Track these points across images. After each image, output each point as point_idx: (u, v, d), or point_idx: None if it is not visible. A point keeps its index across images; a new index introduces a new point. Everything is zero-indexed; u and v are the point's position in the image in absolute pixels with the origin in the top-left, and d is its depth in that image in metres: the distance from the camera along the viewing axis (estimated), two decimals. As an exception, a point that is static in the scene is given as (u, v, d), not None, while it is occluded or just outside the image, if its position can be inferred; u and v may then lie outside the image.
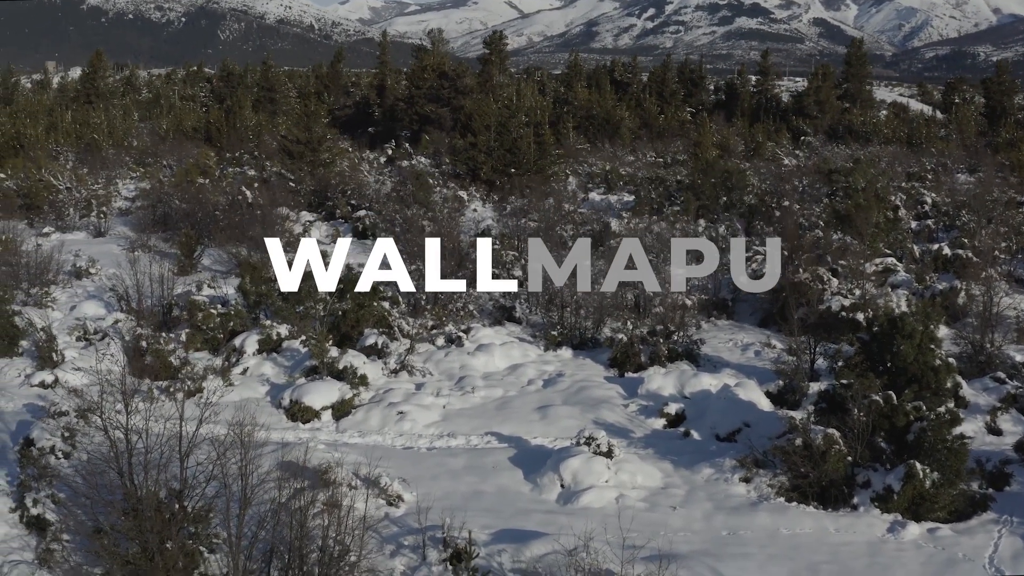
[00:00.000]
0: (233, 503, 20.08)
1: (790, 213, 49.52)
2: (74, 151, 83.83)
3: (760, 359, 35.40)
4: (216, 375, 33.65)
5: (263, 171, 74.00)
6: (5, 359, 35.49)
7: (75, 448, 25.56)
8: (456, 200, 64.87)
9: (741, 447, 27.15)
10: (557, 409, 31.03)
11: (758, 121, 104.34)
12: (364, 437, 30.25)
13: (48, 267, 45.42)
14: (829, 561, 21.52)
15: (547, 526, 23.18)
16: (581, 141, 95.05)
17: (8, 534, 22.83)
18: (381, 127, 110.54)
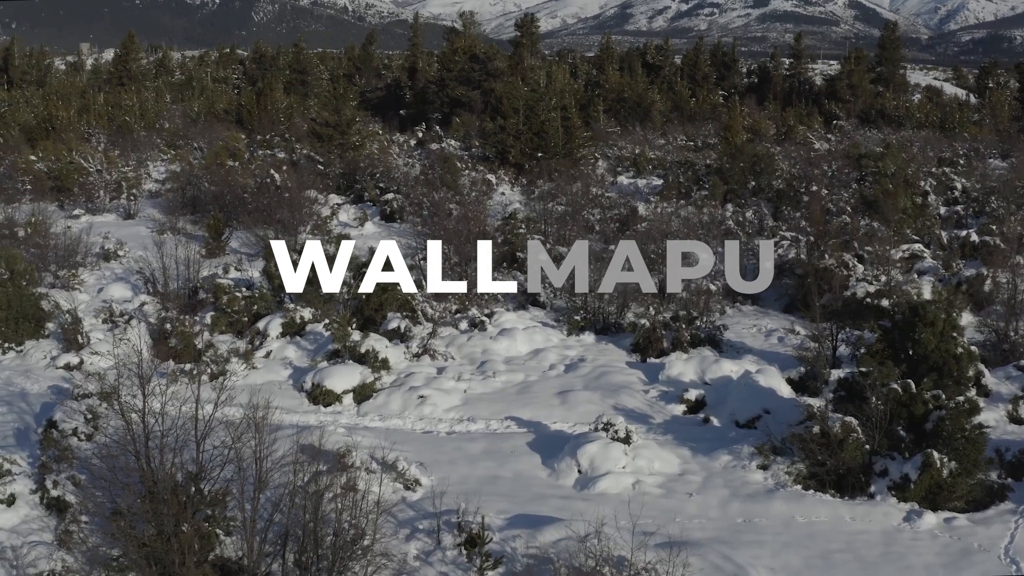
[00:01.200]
0: (248, 486, 20.22)
1: (818, 198, 49.23)
2: (106, 133, 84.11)
3: (783, 345, 35.27)
4: (239, 358, 33.81)
5: (293, 154, 74.16)
6: (32, 341, 35.80)
7: (97, 430, 25.77)
8: (484, 183, 64.85)
9: (760, 434, 27.05)
10: (577, 394, 31.03)
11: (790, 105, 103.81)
12: (384, 421, 30.35)
13: (76, 249, 45.71)
14: (843, 550, 21.47)
15: (562, 512, 23.19)
16: (611, 124, 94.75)
17: (28, 515, 23.13)
18: (412, 110, 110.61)
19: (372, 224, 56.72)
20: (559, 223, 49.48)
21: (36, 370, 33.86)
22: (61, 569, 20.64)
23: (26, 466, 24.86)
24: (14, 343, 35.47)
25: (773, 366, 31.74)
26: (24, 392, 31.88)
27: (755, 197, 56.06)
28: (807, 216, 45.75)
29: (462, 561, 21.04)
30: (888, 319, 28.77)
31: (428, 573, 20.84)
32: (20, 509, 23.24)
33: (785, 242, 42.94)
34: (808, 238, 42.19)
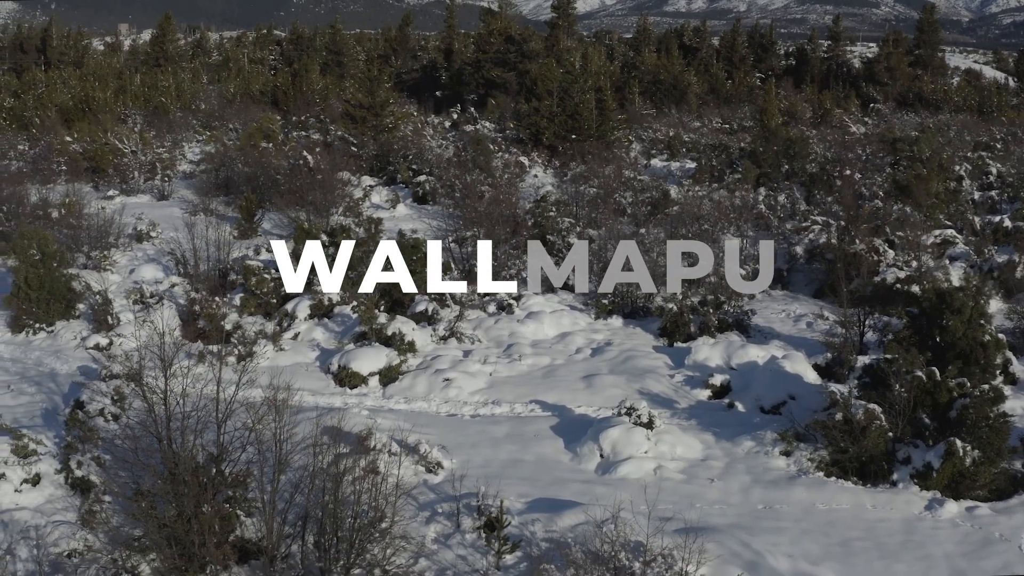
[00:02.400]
0: (268, 468, 20.35)
1: (850, 182, 48.90)
2: (142, 114, 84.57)
3: (811, 331, 35.08)
4: (267, 340, 33.96)
5: (327, 135, 74.31)
6: (62, 322, 36.10)
7: (124, 411, 25.95)
8: (517, 165, 64.77)
9: (785, 420, 26.96)
10: (603, 378, 31.00)
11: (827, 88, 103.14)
12: (410, 403, 30.44)
13: (109, 230, 45.98)
14: (863, 538, 21.38)
15: (583, 496, 23.22)
16: (647, 106, 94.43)
17: (53, 495, 23.33)
18: (448, 91, 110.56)
19: (404, 206, 56.78)
20: (591, 206, 49.37)
21: (66, 350, 34.16)
22: (83, 548, 20.78)
23: (52, 446, 25.06)
24: (45, 324, 35.79)
25: (800, 352, 31.58)
26: (54, 372, 32.19)
27: (788, 181, 55.73)
28: (839, 200, 45.43)
29: (480, 545, 21.08)
30: (916, 306, 28.57)
31: (447, 556, 20.89)
32: (45, 489, 23.45)
33: (816, 227, 42.67)
34: (839, 223, 41.91)
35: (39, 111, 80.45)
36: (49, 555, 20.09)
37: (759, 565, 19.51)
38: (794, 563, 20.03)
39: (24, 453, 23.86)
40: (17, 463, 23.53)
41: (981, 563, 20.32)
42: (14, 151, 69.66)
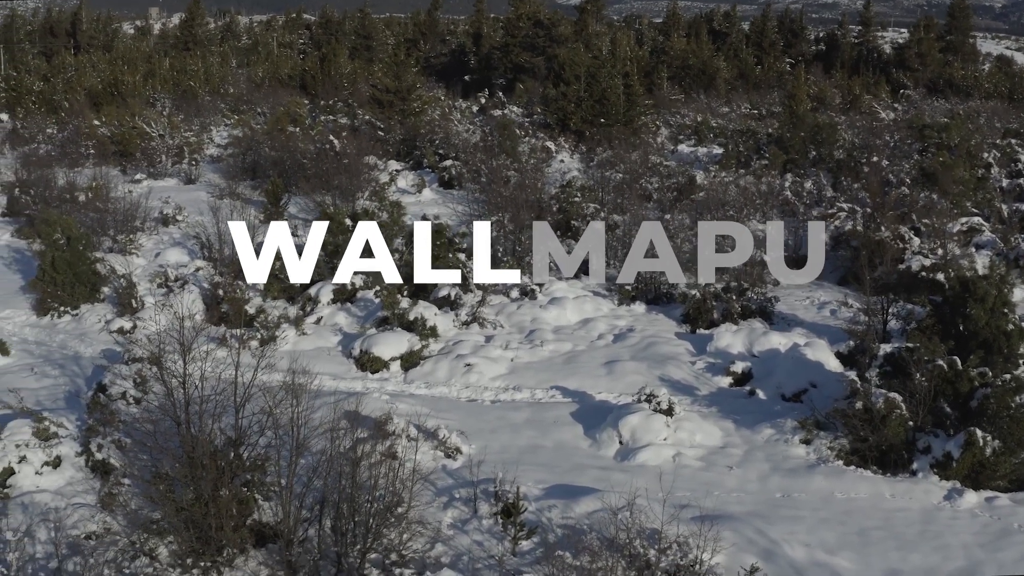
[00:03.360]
0: (286, 452, 20.42)
1: (877, 169, 48.58)
2: (171, 98, 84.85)
3: (835, 318, 34.91)
4: (290, 324, 34.04)
5: (354, 119, 74.37)
6: (87, 305, 36.30)
7: (146, 394, 26.04)
8: (544, 151, 64.66)
9: (806, 408, 26.85)
10: (624, 364, 30.92)
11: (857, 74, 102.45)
12: (430, 388, 30.47)
13: (136, 214, 46.18)
14: (880, 527, 21.27)
15: (601, 483, 23.19)
16: (676, 92, 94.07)
17: (74, 477, 23.48)
18: (476, 75, 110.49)
19: (430, 191, 56.81)
20: (616, 191, 49.22)
21: (90, 334, 34.35)
22: (102, 531, 20.93)
23: (73, 429, 25.23)
24: (70, 307, 36.00)
25: (822, 339, 31.44)
26: (77, 355, 32.39)
27: (815, 167, 55.42)
28: (866, 187, 45.16)
29: (497, 530, 21.10)
30: (940, 294, 28.41)
31: (463, 541, 20.91)
32: (66, 471, 23.60)
33: (842, 213, 42.44)
34: (865, 210, 41.67)
35: (68, 95, 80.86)
36: (67, 537, 20.22)
37: (774, 554, 19.49)
38: (810, 552, 19.98)
39: (45, 436, 24.02)
40: (38, 446, 23.69)
41: (999, 554, 20.18)
42: (43, 134, 70.05)
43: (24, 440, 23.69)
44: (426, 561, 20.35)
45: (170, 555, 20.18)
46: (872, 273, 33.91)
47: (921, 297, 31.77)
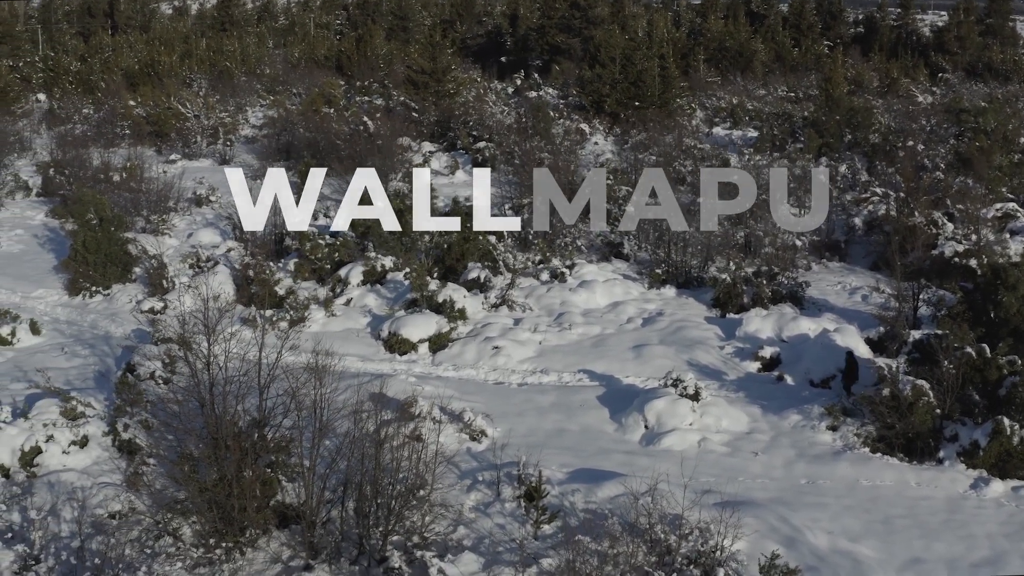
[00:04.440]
0: (310, 433, 20.50)
1: (912, 153, 48.16)
2: (207, 78, 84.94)
3: (866, 304, 34.54)
4: (319, 305, 34.12)
5: (389, 100, 74.31)
6: (119, 285, 36.52)
7: (175, 374, 26.19)
8: (578, 133, 64.42)
9: (833, 394, 26.74)
10: (652, 348, 30.83)
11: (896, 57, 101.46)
12: (458, 371, 30.50)
13: (169, 194, 46.37)
14: (905, 515, 21.15)
15: (625, 467, 23.18)
16: (712, 74, 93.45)
17: (100, 457, 23.64)
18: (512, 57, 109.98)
19: (463, 172, 56.68)
20: (649, 174, 49.00)
21: (121, 314, 34.55)
22: (127, 510, 21.06)
23: (101, 409, 25.40)
24: (101, 287, 36.25)
25: (852, 325, 31.19)
26: (108, 335, 32.61)
27: (850, 151, 54.99)
28: (900, 172, 44.79)
29: (520, 514, 21.10)
30: (971, 280, 28.18)
31: (485, 524, 20.94)
32: (92, 451, 23.77)
33: (876, 198, 42.12)
34: (899, 194, 41.33)
35: (105, 75, 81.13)
36: (91, 516, 20.37)
37: (797, 541, 19.41)
38: (833, 539, 19.90)
39: (73, 415, 24.21)
40: (65, 425, 23.88)
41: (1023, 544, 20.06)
42: (79, 115, 70.36)
43: (52, 419, 23.90)
44: (448, 543, 20.40)
45: (194, 535, 20.31)
46: (904, 258, 33.65)
47: (952, 283, 31.51)
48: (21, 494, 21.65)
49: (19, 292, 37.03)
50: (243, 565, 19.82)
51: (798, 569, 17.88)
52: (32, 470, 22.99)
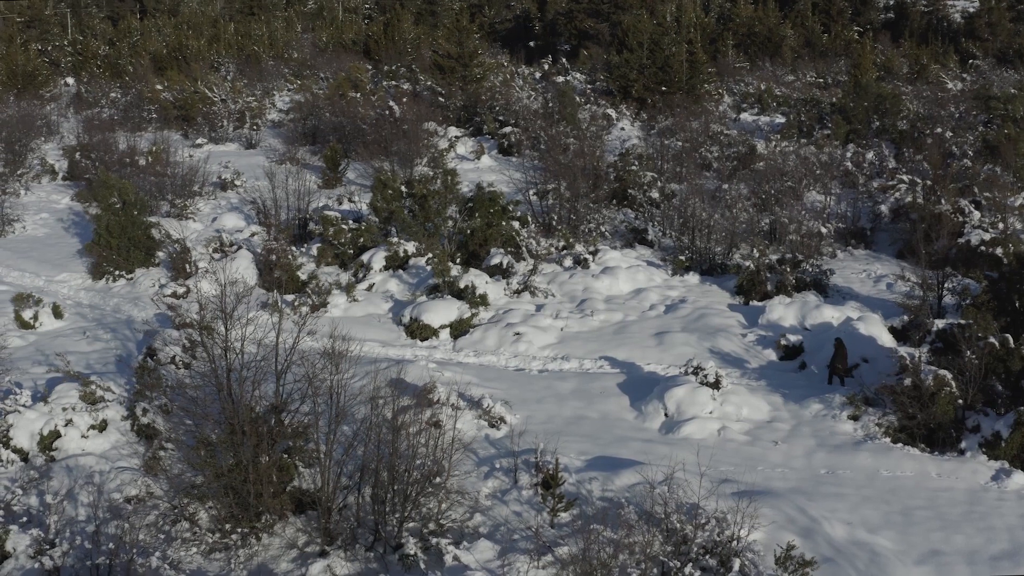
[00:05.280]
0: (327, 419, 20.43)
1: (939, 140, 47.75)
2: (235, 63, 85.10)
3: (891, 292, 34.28)
4: (341, 290, 34.08)
5: (416, 85, 74.20)
6: (142, 269, 36.60)
7: (195, 359, 26.17)
8: (604, 118, 64.17)
9: (856, 383, 26.51)
10: (674, 336, 30.68)
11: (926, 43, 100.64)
12: (479, 357, 30.43)
13: (194, 178, 46.43)
14: (925, 507, 20.94)
15: (644, 455, 23.03)
16: (741, 59, 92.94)
17: (119, 441, 23.64)
18: (540, 41, 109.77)
19: (488, 157, 56.58)
20: (675, 160, 48.80)
21: (144, 298, 34.63)
22: (145, 494, 21.07)
23: (120, 392, 25.41)
24: (124, 271, 36.33)
25: (876, 313, 30.95)
26: (130, 319, 32.67)
27: (878, 138, 54.60)
28: (928, 159, 44.40)
29: (536, 501, 21.00)
30: (997, 269, 27.89)
31: (502, 512, 20.86)
32: (111, 435, 23.79)
33: (903, 185, 41.77)
34: (926, 182, 40.97)
35: (133, 59, 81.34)
36: (108, 501, 20.39)
37: (814, 531, 19.24)
38: (851, 530, 19.74)
39: (92, 400, 24.24)
40: (85, 409, 23.89)
41: (1044, 537, 19.87)
42: (106, 99, 70.58)
43: (71, 403, 23.93)
44: (464, 530, 20.35)
45: (210, 520, 20.31)
46: (929, 246, 33.32)
47: (978, 272, 31.20)
48: (39, 478, 21.70)
49: (43, 276, 37.18)
50: (259, 551, 19.81)
51: (814, 560, 17.71)
52: (51, 454, 23.05)
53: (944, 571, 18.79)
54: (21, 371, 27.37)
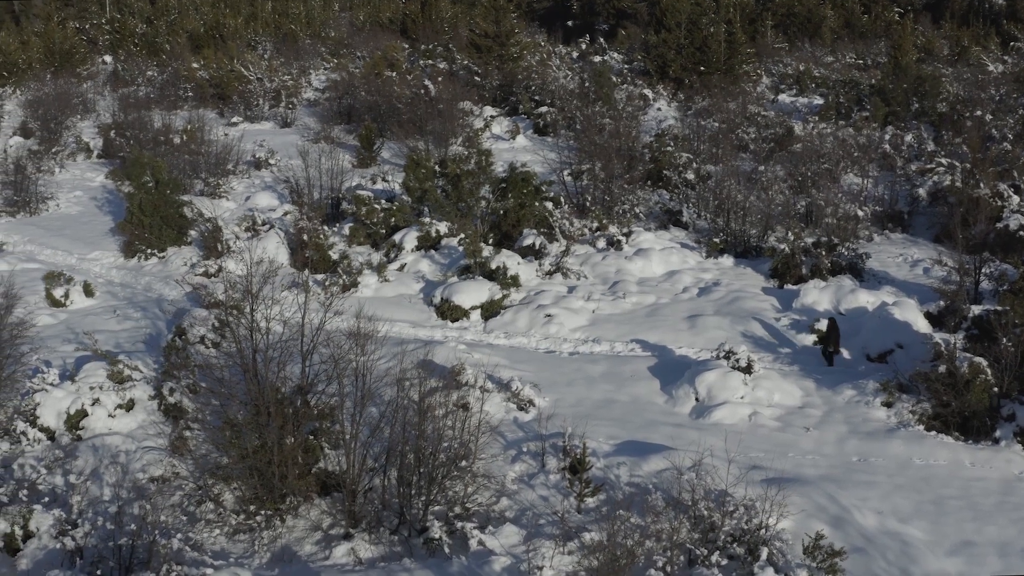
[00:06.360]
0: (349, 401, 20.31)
1: (978, 123, 47.10)
2: (272, 41, 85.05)
3: (927, 277, 33.80)
4: (372, 270, 33.95)
5: (452, 64, 73.92)
6: (174, 248, 36.60)
7: (224, 339, 26.08)
8: (641, 98, 63.71)
9: (890, 370, 26.13)
10: (707, 319, 30.38)
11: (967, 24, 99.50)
12: (509, 339, 30.25)
13: (228, 157, 46.40)
14: (958, 496, 20.60)
15: (674, 440, 22.79)
16: (780, 40, 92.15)
17: (145, 421, 23.61)
18: (578, 21, 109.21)
19: (524, 137, 56.27)
20: (712, 141, 48.40)
21: (176, 277, 34.57)
22: (170, 475, 21.03)
23: (148, 372, 25.38)
24: (157, 249, 36.36)
25: (912, 299, 30.45)
26: (161, 298, 32.66)
27: (917, 120, 53.96)
28: (967, 142, 43.80)
29: (564, 486, 20.83)
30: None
31: (528, 496, 20.70)
32: (138, 414, 23.79)
33: (941, 168, 41.23)
34: (964, 165, 40.41)
35: (170, 37, 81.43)
36: (133, 481, 20.35)
37: (844, 521, 18.97)
38: (882, 520, 19.44)
39: (120, 379, 24.24)
40: (112, 388, 23.87)
41: (1079, 529, 19.50)
42: (143, 77, 70.68)
43: (99, 382, 23.93)
44: (490, 515, 20.19)
45: (235, 501, 20.24)
46: (967, 231, 32.84)
47: (1016, 258, 30.74)
48: (64, 457, 21.67)
49: (75, 254, 37.28)
50: (283, 532, 19.73)
51: (843, 551, 17.45)
52: (77, 433, 23.05)
53: (976, 562, 18.48)
54: (50, 349, 27.40)
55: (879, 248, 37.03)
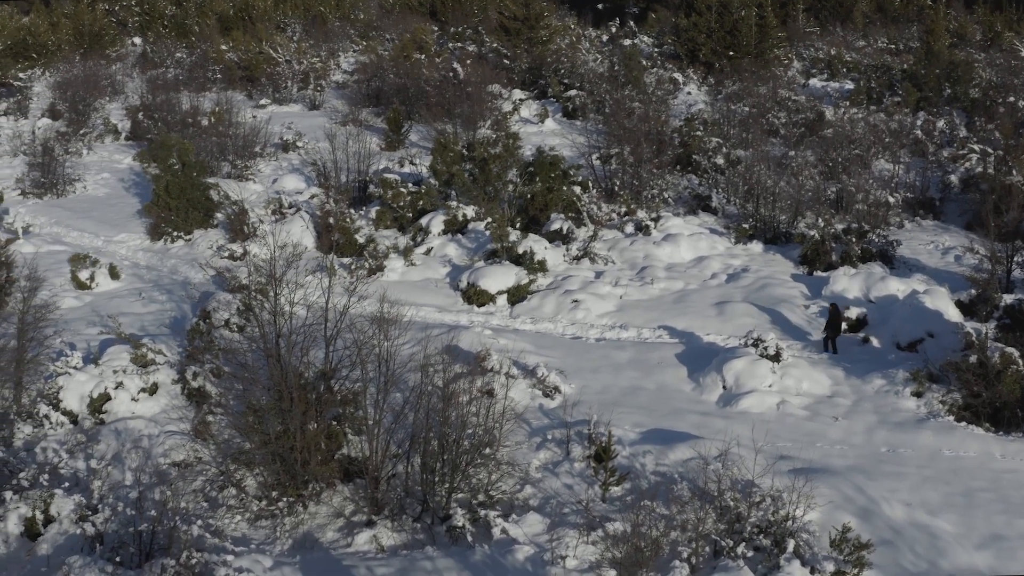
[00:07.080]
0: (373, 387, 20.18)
1: (1013, 109, 46.56)
2: (301, 23, 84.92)
3: (959, 265, 33.38)
4: (399, 254, 33.80)
5: (481, 47, 73.63)
6: (200, 231, 36.52)
7: (249, 322, 25.97)
8: (670, 82, 63.31)
9: (920, 359, 25.77)
10: (735, 306, 30.09)
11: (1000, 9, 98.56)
12: (536, 324, 30.06)
13: (256, 139, 46.30)
14: (987, 489, 20.30)
15: (700, 429, 22.62)
16: (811, 24, 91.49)
17: (168, 405, 23.51)
18: (608, 4, 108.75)
19: (552, 121, 55.95)
20: (741, 126, 48.01)
21: (201, 259, 34.51)
22: (193, 460, 20.94)
23: (171, 355, 25.28)
24: (183, 232, 36.29)
25: (943, 287, 30.08)
26: (187, 281, 32.58)
27: (949, 106, 53.41)
28: (1000, 128, 43.29)
29: (588, 474, 20.65)
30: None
31: (553, 484, 20.54)
32: (161, 398, 23.71)
33: (973, 155, 40.76)
34: (997, 152, 39.93)
35: (199, 19, 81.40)
36: (155, 466, 20.27)
37: (872, 513, 18.71)
38: (910, 512, 19.16)
39: (143, 362, 24.15)
40: (135, 372, 23.79)
41: (1110, 523, 19.18)
42: (172, 59, 70.67)
43: (122, 366, 23.85)
44: (513, 503, 20.04)
45: (257, 487, 20.14)
46: (999, 218, 32.41)
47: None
48: (87, 441, 21.61)
49: (102, 236, 37.28)
50: (305, 519, 19.63)
51: (870, 543, 17.20)
52: (100, 416, 23.00)
53: (1006, 556, 18.19)
54: (74, 332, 27.39)
55: (910, 235, 36.63)
